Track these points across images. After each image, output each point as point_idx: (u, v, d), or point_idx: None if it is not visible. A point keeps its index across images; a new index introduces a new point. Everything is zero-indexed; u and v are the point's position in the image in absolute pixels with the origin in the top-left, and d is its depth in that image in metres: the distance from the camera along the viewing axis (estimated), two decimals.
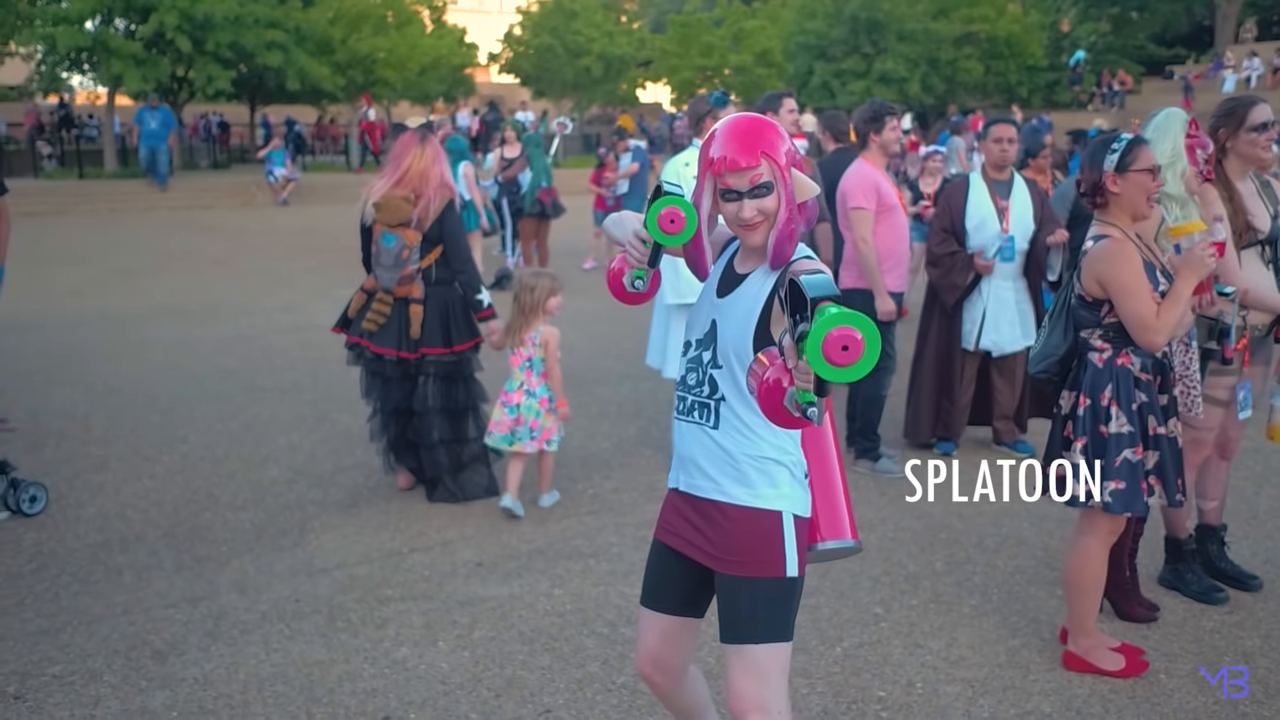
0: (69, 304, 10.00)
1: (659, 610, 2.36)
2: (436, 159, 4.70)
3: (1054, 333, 3.32)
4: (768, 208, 2.07)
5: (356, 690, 3.29)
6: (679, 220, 2.08)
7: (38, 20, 20.18)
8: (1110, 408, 3.18)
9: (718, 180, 2.08)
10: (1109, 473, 3.17)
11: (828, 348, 1.55)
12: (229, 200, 20.54)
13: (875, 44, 31.82)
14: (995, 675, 3.41)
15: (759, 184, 2.05)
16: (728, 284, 2.21)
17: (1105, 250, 3.14)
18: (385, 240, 4.68)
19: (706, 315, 2.21)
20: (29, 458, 5.42)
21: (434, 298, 4.77)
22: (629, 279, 2.27)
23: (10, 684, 3.32)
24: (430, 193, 4.65)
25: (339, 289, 10.80)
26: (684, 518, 2.26)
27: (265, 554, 4.33)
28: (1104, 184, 3.17)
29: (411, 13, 28.00)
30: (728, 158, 2.04)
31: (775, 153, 2.05)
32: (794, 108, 5.55)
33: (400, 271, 4.69)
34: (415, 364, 4.78)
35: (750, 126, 2.07)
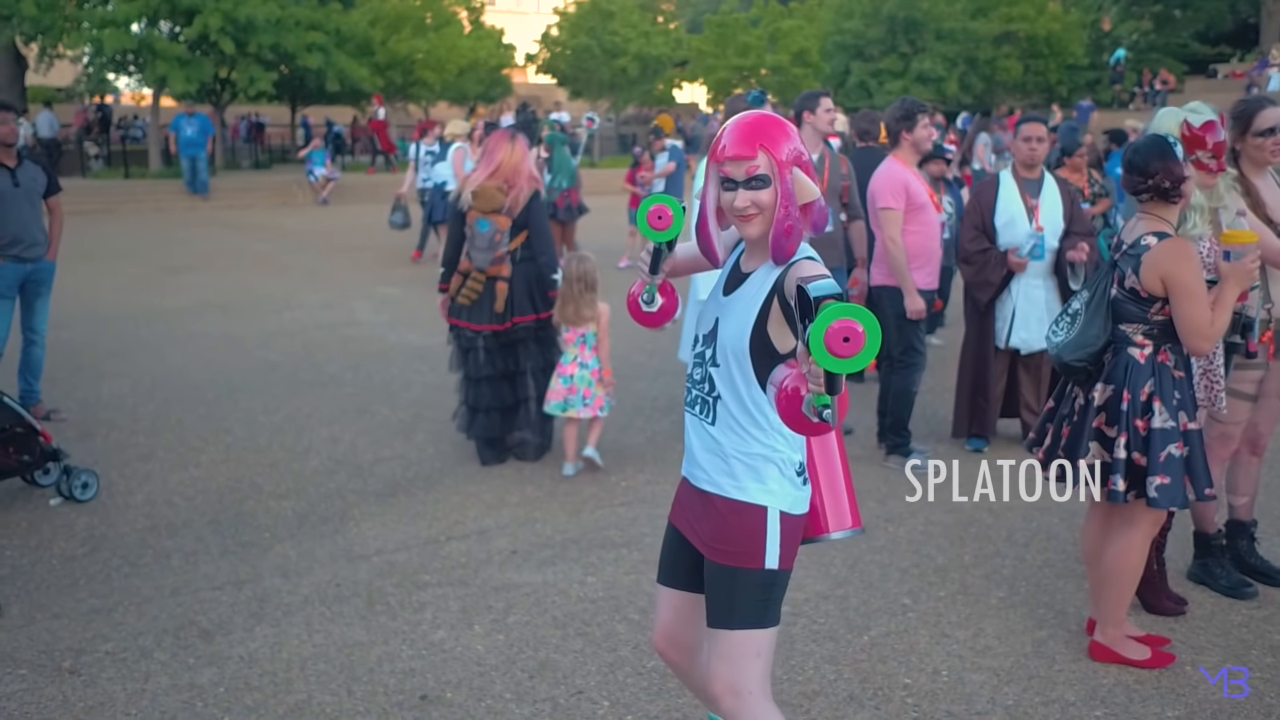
0: (118, 300, 10.24)
1: (671, 585, 2.48)
2: (525, 155, 5.29)
3: (1092, 324, 3.32)
4: (762, 200, 2.12)
5: (395, 670, 3.40)
6: (666, 216, 2.20)
7: (85, 23, 20.58)
8: (1153, 403, 3.21)
9: (718, 169, 2.15)
10: (1154, 468, 3.19)
11: (829, 339, 1.62)
12: (270, 199, 20.84)
13: (913, 43, 31.65)
14: (1021, 664, 3.46)
15: (755, 175, 2.11)
16: (733, 282, 2.27)
17: (1173, 250, 3.15)
18: (480, 225, 5.19)
19: (712, 313, 2.29)
20: (80, 447, 5.60)
21: (518, 274, 5.30)
22: (644, 296, 2.39)
23: (65, 659, 3.46)
24: (520, 183, 5.21)
25: (378, 286, 11.00)
26: (688, 504, 2.37)
27: (307, 540, 4.46)
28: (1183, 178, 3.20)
29: (450, 14, 28.24)
30: (726, 147, 2.12)
31: (775, 149, 2.11)
32: (831, 106, 5.61)
33: (493, 253, 5.20)
34: (508, 333, 5.30)
35: (756, 121, 2.14)
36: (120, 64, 22.16)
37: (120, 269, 12.19)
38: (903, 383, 5.39)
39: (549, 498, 4.95)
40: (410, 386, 6.98)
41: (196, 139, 19.07)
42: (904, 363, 5.37)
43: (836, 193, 5.71)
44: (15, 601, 3.87)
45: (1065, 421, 3.45)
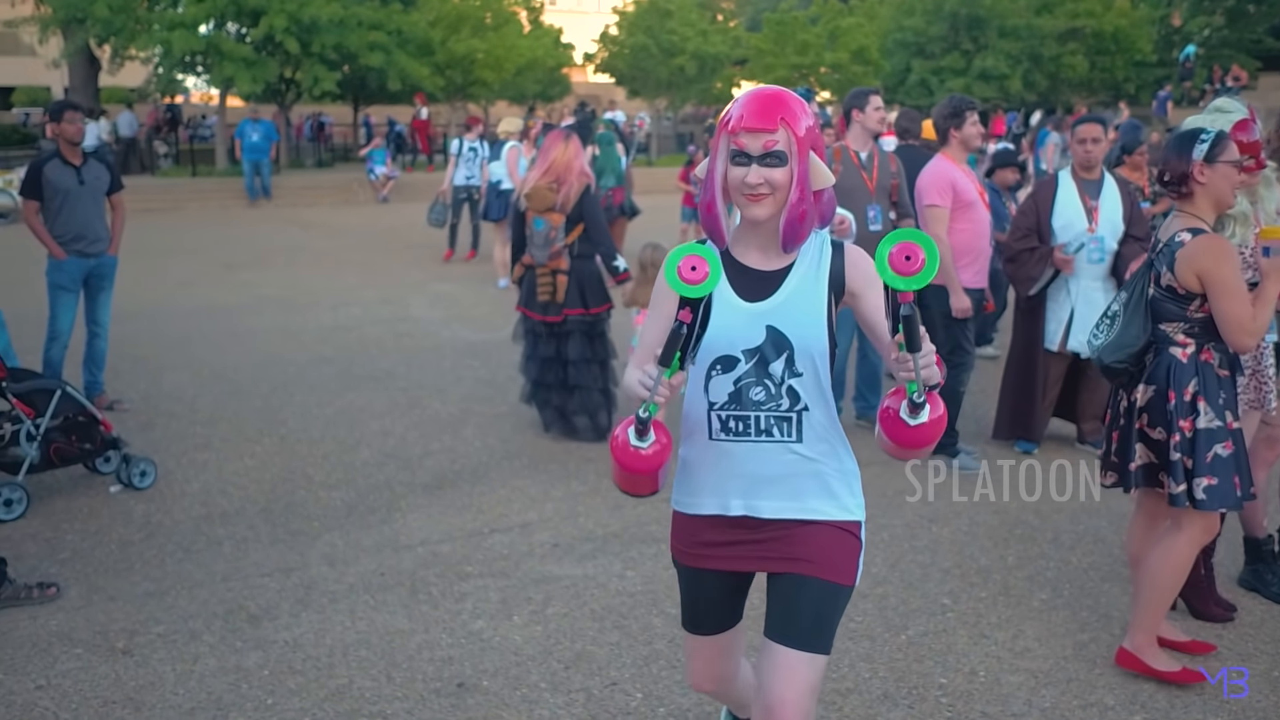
0: (181, 295, 10.50)
1: (711, 633, 2.29)
2: (578, 153, 5.62)
3: (1131, 324, 3.28)
4: (776, 179, 1.96)
5: (434, 658, 3.46)
6: (701, 268, 1.83)
7: (155, 25, 21.09)
8: (1198, 403, 3.15)
9: (731, 140, 1.97)
10: (1201, 469, 3.13)
11: (893, 259, 1.71)
12: (332, 197, 21.20)
13: (975, 40, 31.25)
14: (1060, 667, 3.42)
15: (772, 150, 1.95)
16: (761, 286, 2.07)
17: (1208, 245, 3.10)
18: (536, 224, 5.56)
19: (749, 324, 2.04)
20: (140, 436, 5.76)
21: (575, 269, 5.63)
22: (636, 427, 1.94)
23: (120, 640, 3.57)
24: (571, 180, 5.52)
25: (434, 283, 11.15)
26: (732, 540, 2.15)
27: (354, 530, 4.55)
28: (1191, 174, 3.16)
29: (509, 14, 28.47)
30: (744, 116, 1.95)
31: (795, 125, 1.95)
32: (880, 105, 5.59)
33: (550, 249, 5.55)
34: (559, 324, 5.64)
35: (775, 94, 1.99)
36: (189, 65, 22.68)
37: (184, 265, 12.49)
38: (950, 382, 5.34)
39: (592, 493, 4.99)
40: (461, 381, 7.07)
41: (261, 145, 19.32)
42: (951, 362, 5.33)
43: (886, 191, 5.68)
44: (74, 584, 4.00)
45: (1114, 426, 3.40)
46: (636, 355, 2.18)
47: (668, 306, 2.02)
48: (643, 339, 2.18)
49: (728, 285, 2.07)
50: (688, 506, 2.20)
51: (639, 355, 2.16)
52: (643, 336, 2.19)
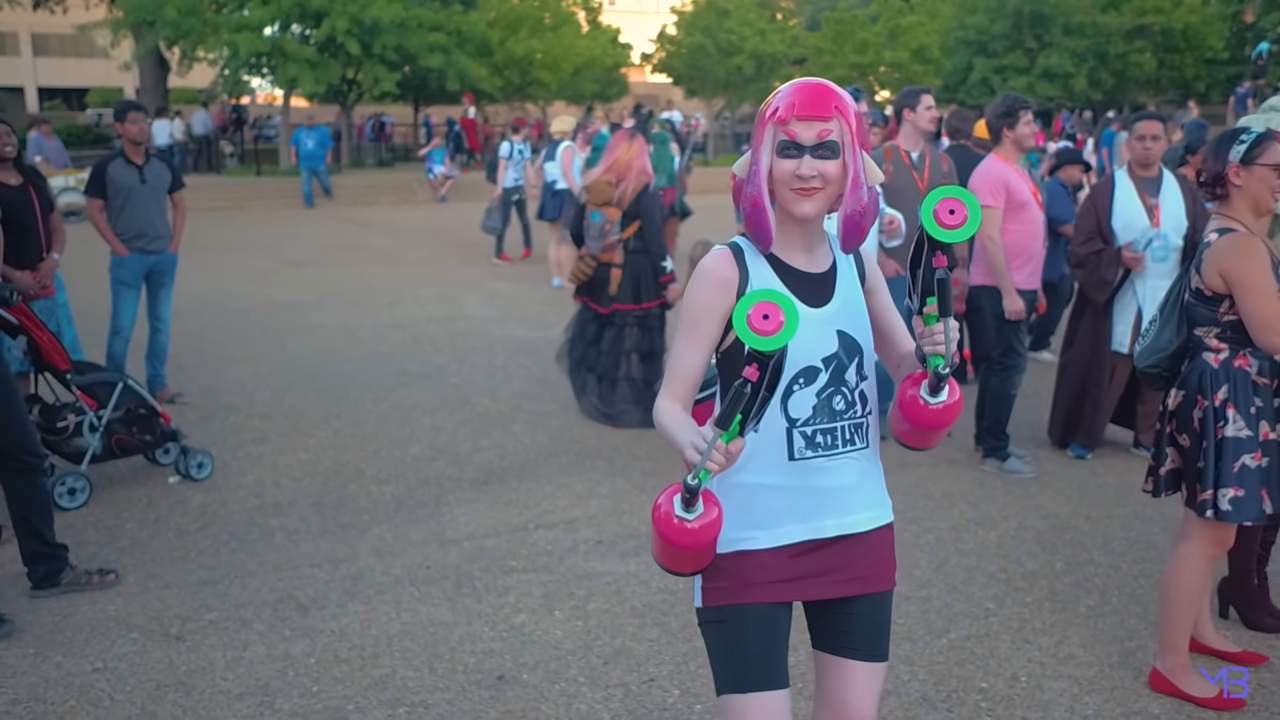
0: (243, 291, 10.73)
1: (781, 686, 1.97)
2: (640, 153, 5.87)
3: (1165, 328, 3.23)
4: (829, 172, 1.84)
5: (475, 650, 3.51)
6: (775, 315, 1.60)
7: (222, 28, 21.56)
8: (1226, 409, 3.06)
9: (781, 129, 1.84)
10: (1226, 478, 3.04)
11: (938, 212, 1.72)
12: (391, 197, 21.49)
13: (1039, 38, 30.77)
14: (1104, 674, 3.37)
15: (826, 140, 1.83)
16: (817, 290, 1.96)
17: (1233, 244, 3.04)
18: (592, 216, 5.88)
19: (821, 331, 1.93)
20: (200, 429, 5.91)
21: (630, 264, 5.89)
22: (683, 495, 1.72)
23: (173, 626, 3.68)
24: (630, 178, 5.79)
25: (489, 281, 11.26)
26: (802, 567, 1.98)
27: (402, 523, 4.63)
28: (1227, 175, 3.10)
29: (568, 14, 28.62)
30: (796, 104, 1.83)
31: (848, 115, 1.85)
32: (932, 104, 5.54)
33: (604, 241, 5.84)
34: (609, 316, 5.93)
35: (825, 84, 1.88)
36: (254, 66, 23.16)
37: (247, 262, 12.76)
38: (1001, 385, 5.29)
39: (638, 490, 5.02)
40: (512, 379, 7.14)
41: (316, 152, 19.49)
42: (1003, 364, 5.27)
43: None
44: (132, 571, 4.12)
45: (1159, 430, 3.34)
46: (668, 381, 1.95)
47: (707, 329, 1.91)
48: (674, 364, 1.95)
49: (787, 291, 1.92)
50: (762, 541, 1.95)
51: (670, 382, 1.94)
52: (675, 360, 1.95)
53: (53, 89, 47.55)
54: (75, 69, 46.72)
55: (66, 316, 5.57)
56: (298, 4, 21.06)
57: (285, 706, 3.18)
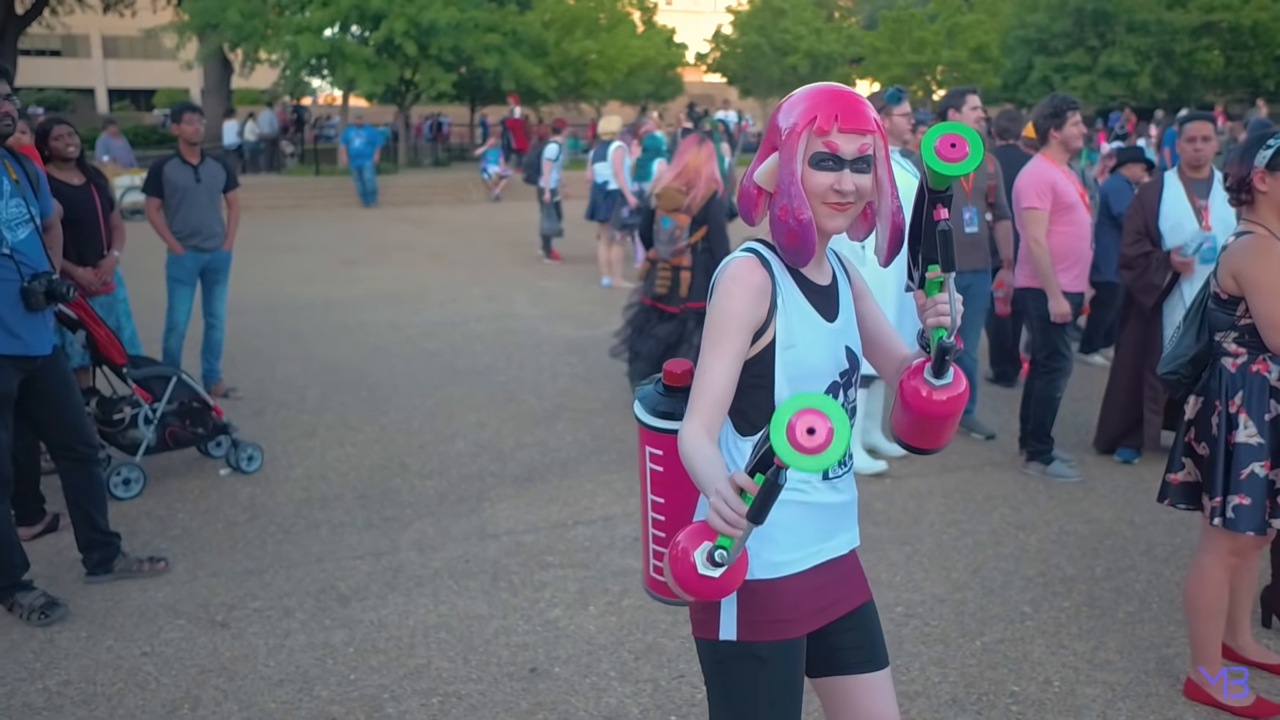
0: (299, 289, 10.94)
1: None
2: (709, 159, 6.01)
3: (1187, 334, 3.18)
4: (865, 187, 1.77)
5: (509, 643, 3.57)
6: (822, 429, 1.40)
7: (283, 30, 21.98)
8: (1239, 415, 3.00)
9: (821, 140, 1.74)
10: (1234, 485, 2.97)
11: (939, 146, 1.65)
12: (446, 196, 21.73)
13: (1102, 36, 30.23)
14: (1140, 681, 3.34)
15: (865, 155, 1.76)
16: (830, 303, 1.89)
17: (1246, 245, 2.99)
18: (663, 222, 6.09)
19: (833, 347, 1.86)
20: (251, 423, 6.06)
21: (699, 263, 6.07)
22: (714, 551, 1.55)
23: (219, 614, 3.79)
24: (699, 184, 5.95)
25: (540, 280, 11.36)
26: (818, 591, 1.90)
27: (444, 518, 4.71)
28: (1252, 181, 3.05)
29: (623, 14, 28.73)
30: (840, 115, 1.73)
31: (881, 128, 1.79)
32: (978, 104, 5.50)
33: (673, 246, 6.06)
34: (680, 315, 6.14)
35: (858, 95, 1.79)
36: (314, 68, 23.57)
37: (304, 260, 13.00)
38: (1046, 388, 5.23)
39: None
40: (558, 378, 7.21)
41: (364, 150, 19.54)
42: (1048, 367, 5.21)
43: (982, 192, 5.59)
44: (181, 559, 4.25)
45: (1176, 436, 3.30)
46: (696, 402, 1.76)
47: (741, 340, 1.77)
48: (704, 381, 1.76)
49: (809, 304, 1.85)
50: (798, 564, 1.85)
51: (699, 403, 1.75)
52: (704, 377, 1.76)
53: (122, 90, 48.80)
54: (144, 71, 47.90)
55: (126, 312, 5.74)
56: (357, 6, 21.40)
57: (323, 693, 3.27)
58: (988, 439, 5.79)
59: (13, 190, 3.63)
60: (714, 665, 1.88)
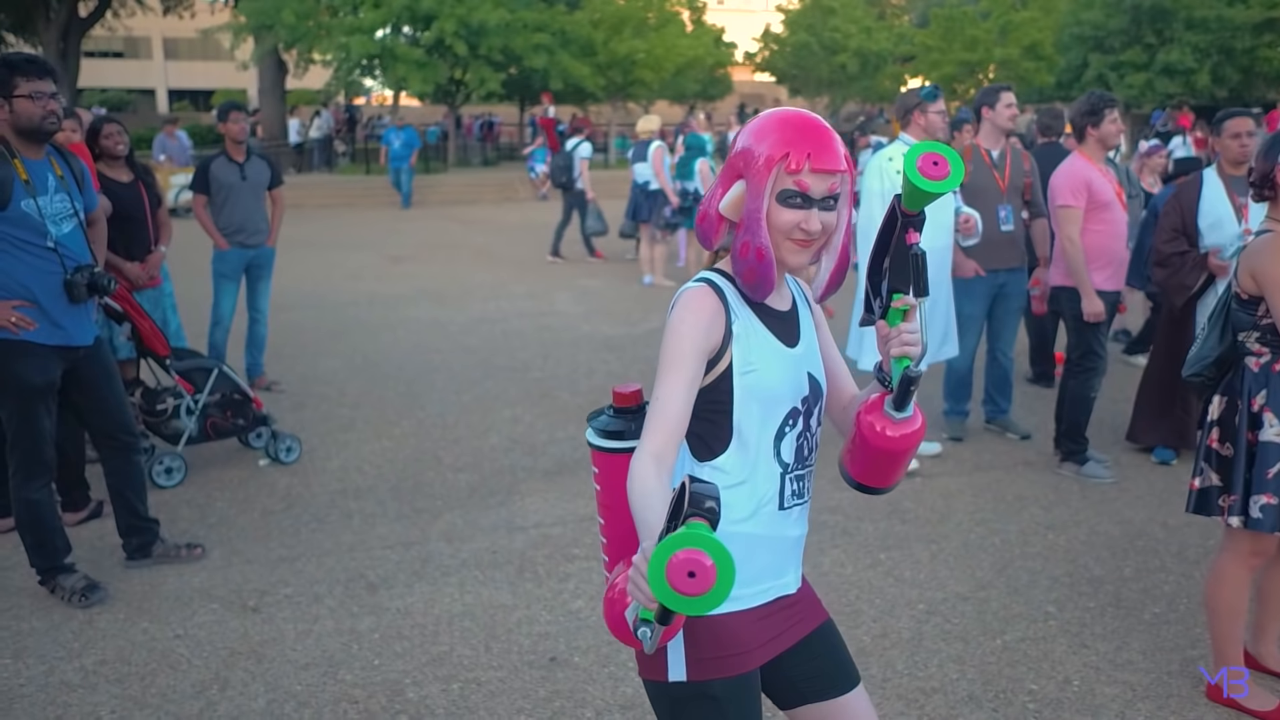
0: (345, 286, 11.12)
1: None
2: None
3: (1211, 335, 3.14)
4: (830, 224, 1.74)
5: (531, 633, 3.63)
6: (704, 572, 1.29)
7: (336, 31, 22.32)
8: (1264, 414, 2.96)
9: (791, 178, 1.70)
10: (1259, 485, 2.94)
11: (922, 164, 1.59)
12: (494, 195, 21.94)
13: (1159, 33, 29.65)
14: (1161, 682, 3.31)
15: (834, 194, 1.72)
16: (790, 329, 1.85)
17: (1265, 244, 2.94)
18: None
19: (794, 373, 1.82)
20: (292, 415, 6.18)
21: None
22: (631, 618, 1.49)
23: (251, 599, 3.89)
24: None
25: (581, 279, 11.43)
26: (767, 619, 1.84)
27: (474, 510, 4.78)
28: (1275, 177, 3.01)
29: (671, 13, 28.77)
30: (813, 155, 1.69)
31: (850, 166, 1.74)
32: (1012, 101, 5.46)
33: None
34: None
35: (830, 130, 1.74)
36: (366, 68, 23.91)
37: (351, 258, 13.20)
38: (1080, 388, 5.18)
39: None
40: (593, 374, 7.27)
41: (402, 152, 19.54)
42: (1082, 367, 5.16)
43: (1018, 190, 5.55)
44: (218, 546, 4.36)
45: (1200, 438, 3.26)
46: (651, 429, 1.69)
47: (694, 367, 1.72)
48: (659, 408, 1.70)
49: (769, 331, 1.81)
50: (746, 600, 1.80)
51: (653, 430, 1.69)
52: (659, 404, 1.71)
53: (181, 90, 49.81)
54: (203, 71, 48.88)
55: (172, 306, 5.88)
56: (408, 7, 21.68)
57: (347, 677, 3.34)
58: (1023, 439, 5.74)
59: (57, 186, 3.75)
60: (667, 708, 1.81)
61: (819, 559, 4.23)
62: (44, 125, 3.66)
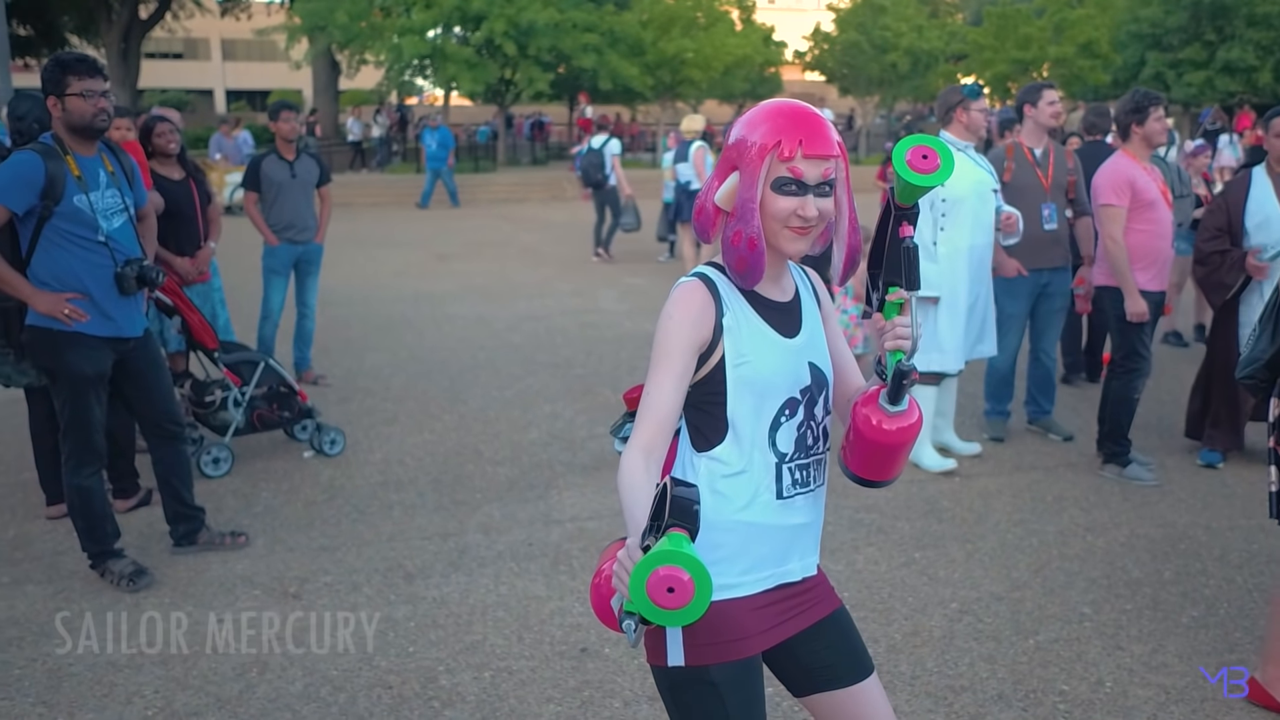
0: (392, 283, 11.27)
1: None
2: None
3: (1263, 336, 3.10)
4: (827, 211, 1.76)
5: (563, 624, 3.67)
6: (682, 588, 1.37)
7: (388, 32, 22.61)
8: None
9: (785, 165, 1.72)
10: None
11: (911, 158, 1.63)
12: (541, 193, 22.08)
13: (1220, 30, 29.03)
14: (1196, 685, 3.27)
15: (829, 179, 1.74)
16: (789, 319, 1.86)
17: None
18: None
19: (794, 364, 1.83)
20: (337, 409, 6.29)
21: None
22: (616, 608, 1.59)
23: (292, 586, 3.98)
24: None
25: (627, 277, 11.48)
26: (770, 607, 1.86)
27: (511, 503, 4.84)
28: None
29: (721, 13, 28.73)
30: (805, 141, 1.71)
31: (844, 152, 1.77)
32: (1054, 99, 5.41)
33: None
34: None
35: (822, 117, 1.76)
36: (418, 68, 24.19)
37: (400, 255, 13.37)
38: (1123, 388, 5.12)
39: None
40: (635, 371, 7.30)
41: (438, 153, 19.52)
42: (1125, 367, 5.10)
43: (1062, 188, 5.50)
44: (261, 535, 4.46)
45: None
46: (641, 423, 1.75)
47: (683, 362, 1.75)
48: (649, 402, 1.74)
49: (764, 322, 1.83)
50: (745, 587, 1.82)
51: (643, 424, 1.74)
52: (649, 399, 1.75)
53: (239, 91, 50.68)
54: (259, 72, 49.68)
55: (221, 300, 6.02)
56: (458, 8, 21.90)
57: (382, 664, 3.41)
58: (1065, 440, 5.68)
59: (109, 181, 3.87)
60: (668, 692, 1.84)
61: (853, 556, 4.23)
62: (95, 122, 3.77)
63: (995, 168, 5.26)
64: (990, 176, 5.09)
